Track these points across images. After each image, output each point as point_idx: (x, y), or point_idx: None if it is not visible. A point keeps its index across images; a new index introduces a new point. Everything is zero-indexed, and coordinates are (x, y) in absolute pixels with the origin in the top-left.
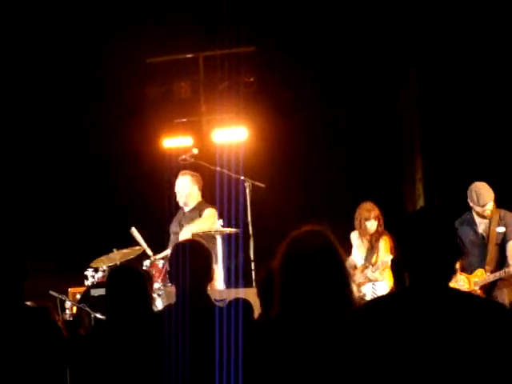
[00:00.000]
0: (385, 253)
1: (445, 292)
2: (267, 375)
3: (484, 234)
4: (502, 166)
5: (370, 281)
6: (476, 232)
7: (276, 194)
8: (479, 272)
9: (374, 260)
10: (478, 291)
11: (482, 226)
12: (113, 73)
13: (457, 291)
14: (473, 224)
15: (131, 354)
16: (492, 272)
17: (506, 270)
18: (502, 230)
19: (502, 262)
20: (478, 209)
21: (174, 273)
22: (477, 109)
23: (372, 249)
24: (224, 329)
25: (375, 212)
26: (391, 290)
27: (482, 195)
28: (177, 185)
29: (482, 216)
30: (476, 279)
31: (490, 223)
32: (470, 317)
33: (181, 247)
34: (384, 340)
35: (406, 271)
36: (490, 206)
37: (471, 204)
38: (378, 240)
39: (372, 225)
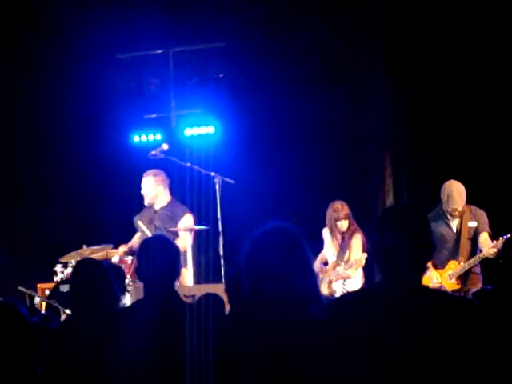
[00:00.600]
0: (358, 251)
1: (414, 289)
2: (237, 371)
3: (457, 229)
4: (471, 160)
5: (341, 278)
6: (449, 226)
7: (246, 189)
8: (452, 264)
9: (346, 257)
10: (455, 283)
11: (454, 220)
12: (82, 68)
13: (426, 288)
14: (445, 218)
15: (97, 348)
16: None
17: (480, 254)
18: (473, 224)
19: (474, 255)
20: (448, 209)
21: (141, 268)
22: (446, 103)
23: (344, 246)
24: (194, 324)
25: (344, 211)
26: (362, 286)
27: (453, 198)
28: (142, 186)
29: (451, 215)
30: (450, 271)
31: (461, 218)
32: (437, 313)
33: (148, 243)
34: (352, 336)
35: (376, 267)
36: (460, 208)
37: (442, 201)
38: (350, 238)
39: (343, 224)
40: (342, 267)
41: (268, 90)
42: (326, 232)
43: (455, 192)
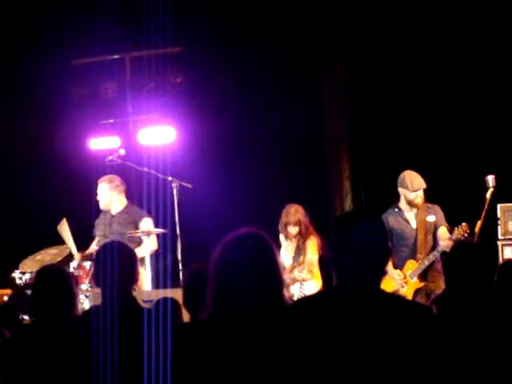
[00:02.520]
0: (312, 253)
1: (373, 292)
2: (196, 376)
3: (416, 224)
4: (429, 163)
5: (297, 281)
6: (407, 221)
7: (203, 194)
8: (410, 264)
9: (301, 260)
10: (418, 281)
11: (411, 214)
12: (37, 74)
13: (381, 292)
14: (403, 214)
15: (56, 355)
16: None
17: (438, 248)
18: (432, 218)
19: (432, 250)
20: (410, 195)
21: (99, 274)
22: (404, 104)
23: (299, 249)
24: (152, 328)
25: (295, 217)
26: (319, 290)
27: (417, 179)
28: (97, 192)
29: (413, 204)
30: (409, 272)
31: (417, 213)
32: (391, 317)
33: (105, 248)
34: (310, 340)
35: (333, 270)
36: (421, 193)
37: (403, 191)
38: (305, 241)
39: (292, 230)
40: (297, 270)
41: (225, 94)
42: (282, 236)
43: (415, 175)
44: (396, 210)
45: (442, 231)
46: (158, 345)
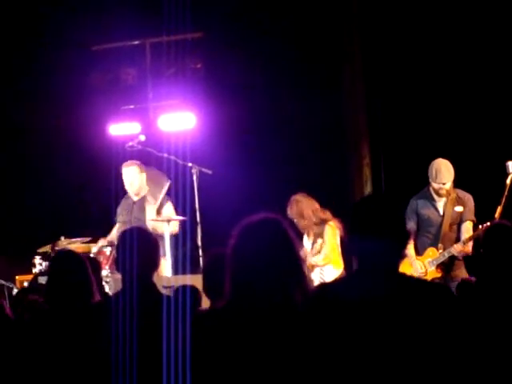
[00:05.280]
0: (329, 239)
1: (390, 277)
2: (215, 364)
3: (443, 212)
4: (449, 148)
5: (316, 267)
6: (436, 208)
7: (223, 180)
8: (431, 251)
9: (317, 247)
10: (435, 271)
11: (440, 203)
12: (57, 60)
13: (402, 275)
14: (432, 200)
15: (72, 340)
16: (445, 250)
17: (450, 250)
18: (459, 209)
19: (456, 242)
20: (434, 185)
21: (120, 260)
22: (424, 92)
23: (315, 237)
24: (172, 316)
25: (294, 210)
26: (340, 275)
27: (441, 173)
28: (125, 176)
29: (438, 194)
30: (429, 259)
31: (447, 201)
32: (414, 300)
33: (127, 234)
34: (331, 328)
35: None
36: (448, 185)
37: (430, 179)
38: (321, 227)
39: (297, 222)
40: (311, 256)
41: (246, 81)
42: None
43: (443, 167)
44: (427, 194)
45: (466, 227)
46: (178, 332)
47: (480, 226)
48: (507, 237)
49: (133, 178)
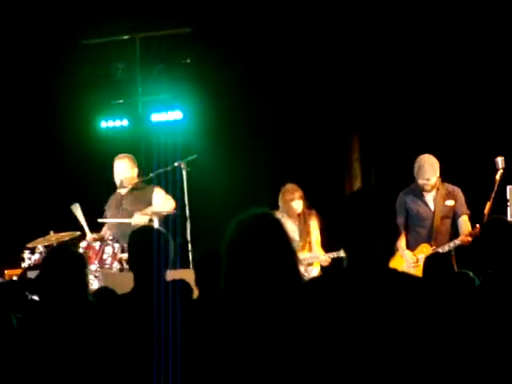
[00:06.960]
0: (317, 232)
1: (381, 272)
2: (207, 358)
3: (434, 206)
4: (438, 144)
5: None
6: (425, 203)
7: (212, 175)
8: (424, 248)
9: (308, 239)
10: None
11: (429, 197)
12: (47, 54)
13: (393, 271)
14: (420, 195)
15: (64, 336)
16: (438, 246)
17: (456, 241)
18: (450, 203)
19: (450, 237)
20: (419, 181)
21: (133, 259)
22: (414, 86)
23: (302, 230)
24: (162, 310)
25: (299, 192)
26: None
27: (425, 169)
28: (117, 169)
29: (424, 189)
30: (421, 255)
31: (436, 196)
32: (403, 296)
33: (138, 234)
34: (320, 321)
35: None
36: (432, 181)
37: (415, 175)
38: (307, 221)
39: (298, 204)
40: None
41: (235, 76)
42: (285, 219)
43: (426, 163)
44: (414, 188)
45: (464, 221)
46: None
47: (478, 225)
48: (505, 231)
49: (125, 170)
